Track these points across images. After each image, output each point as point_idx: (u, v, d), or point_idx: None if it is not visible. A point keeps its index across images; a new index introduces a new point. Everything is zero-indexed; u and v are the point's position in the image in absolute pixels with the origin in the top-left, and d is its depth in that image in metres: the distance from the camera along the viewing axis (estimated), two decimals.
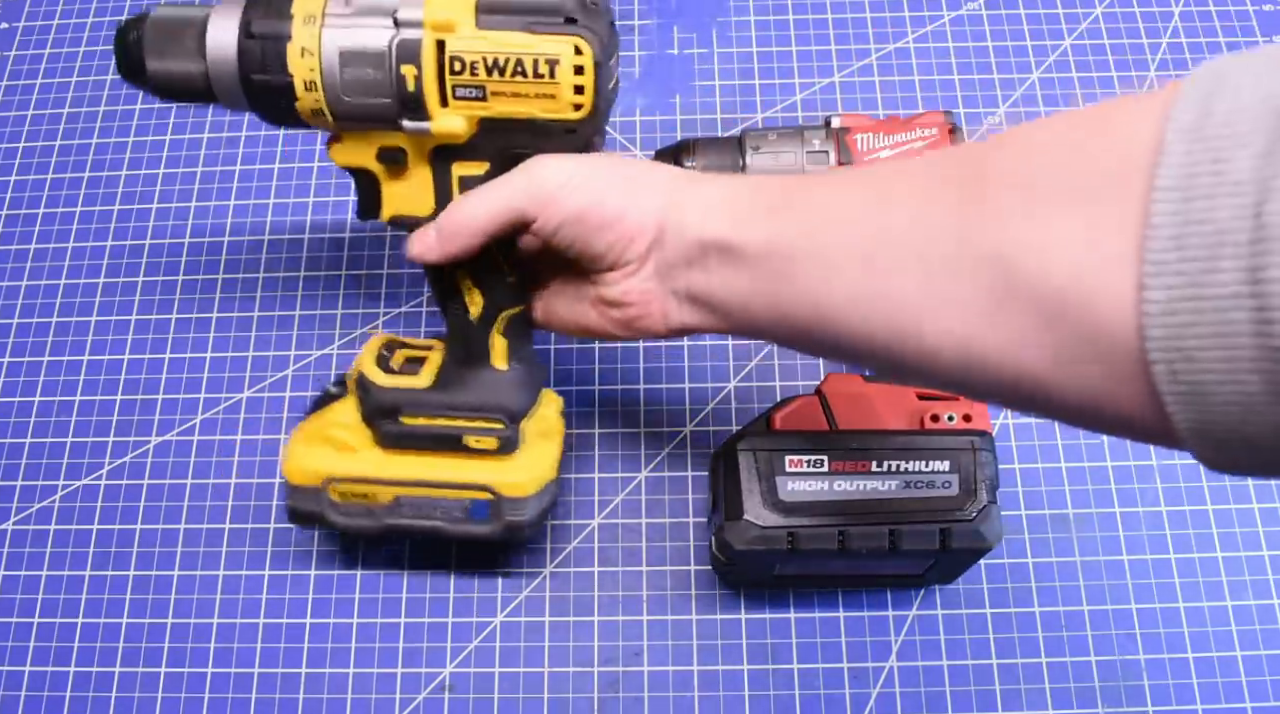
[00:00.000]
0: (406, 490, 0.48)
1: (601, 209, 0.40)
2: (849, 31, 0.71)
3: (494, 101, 0.41)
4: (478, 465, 0.48)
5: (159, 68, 0.42)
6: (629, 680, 0.54)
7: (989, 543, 0.46)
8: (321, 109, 0.41)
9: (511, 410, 0.48)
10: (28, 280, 0.66)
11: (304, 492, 0.49)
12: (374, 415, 0.48)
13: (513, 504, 0.48)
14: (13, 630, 0.57)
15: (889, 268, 0.32)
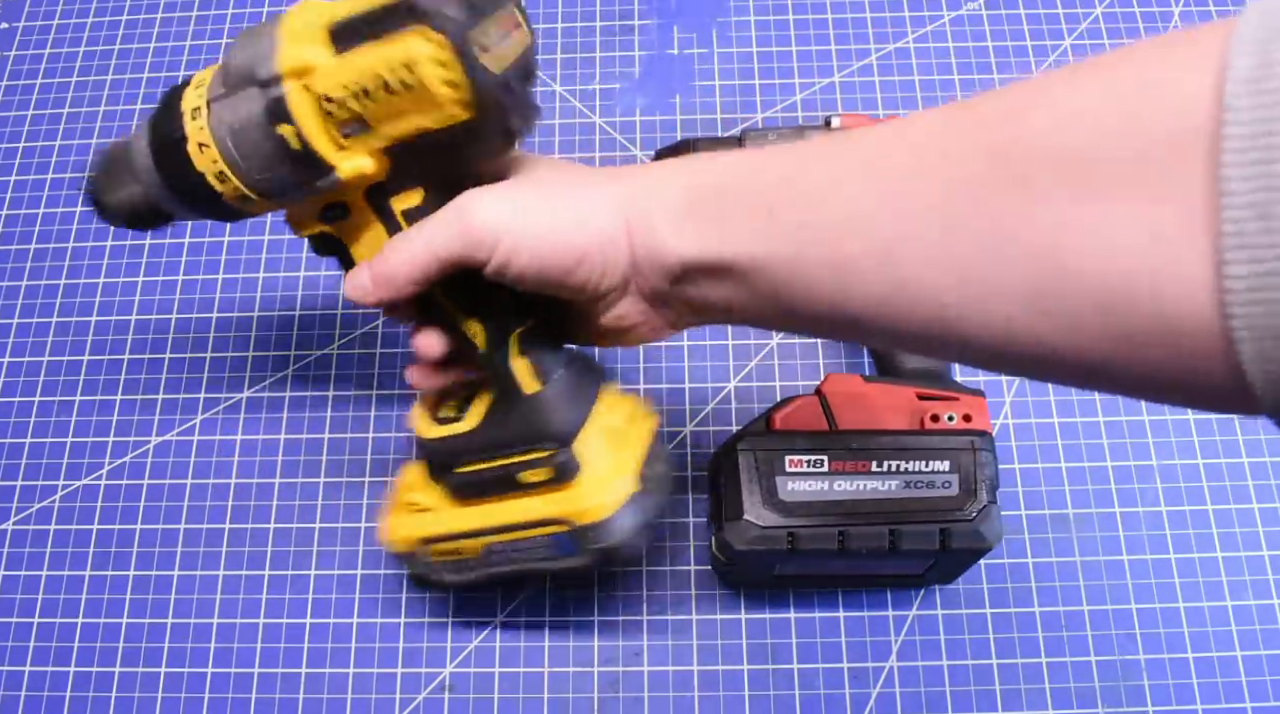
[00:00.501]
0: (491, 539, 0.45)
1: (560, 254, 0.37)
2: (849, 31, 0.71)
3: (380, 128, 0.37)
4: (544, 500, 0.44)
5: (112, 200, 0.43)
6: (629, 680, 0.54)
7: (989, 543, 0.46)
8: (245, 194, 0.40)
9: (555, 434, 0.42)
10: (28, 280, 0.66)
11: (408, 559, 0.48)
12: (434, 471, 0.47)
13: (593, 531, 0.43)
14: (13, 630, 0.57)
15: (913, 266, 0.30)
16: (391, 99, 0.35)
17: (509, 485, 0.44)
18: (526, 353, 0.42)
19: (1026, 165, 0.27)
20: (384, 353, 0.63)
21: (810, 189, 0.33)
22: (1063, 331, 0.27)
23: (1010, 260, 0.27)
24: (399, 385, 0.62)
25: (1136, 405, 0.59)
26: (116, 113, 0.71)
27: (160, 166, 0.40)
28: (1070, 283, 0.26)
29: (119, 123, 0.71)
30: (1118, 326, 0.25)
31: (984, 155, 0.28)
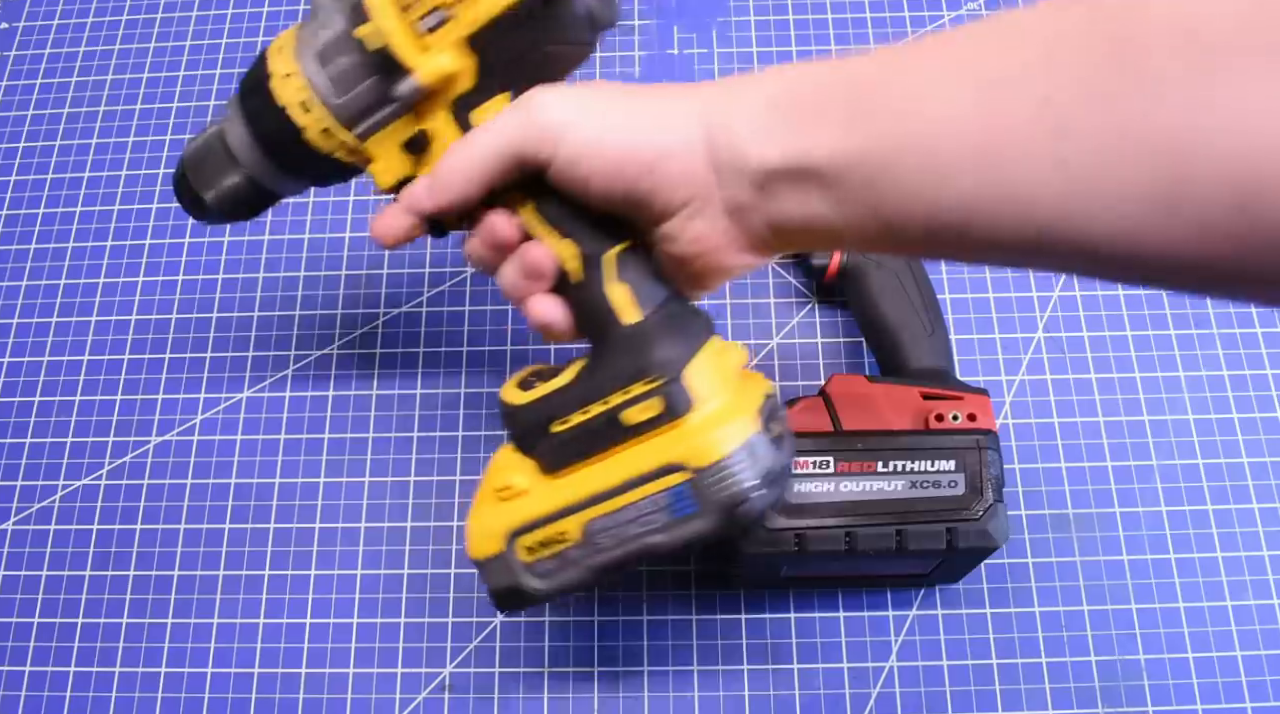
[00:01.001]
0: (593, 512, 0.38)
1: (636, 150, 0.34)
2: (849, 32, 0.71)
3: (460, 11, 0.36)
4: (653, 445, 0.37)
5: (212, 195, 0.43)
6: (629, 680, 0.54)
7: (995, 542, 0.46)
8: (328, 127, 0.39)
9: (661, 362, 0.37)
10: (28, 280, 0.66)
11: (494, 566, 0.40)
12: (525, 439, 0.41)
13: (713, 475, 0.36)
14: (13, 630, 0.57)
15: (1017, 167, 0.27)
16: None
17: (613, 432, 0.38)
18: (625, 278, 0.38)
19: (1151, 52, 0.24)
20: (384, 353, 0.62)
21: (903, 90, 0.30)
22: (1193, 233, 0.25)
23: (1133, 157, 0.25)
24: (399, 385, 0.62)
25: (1136, 405, 0.59)
26: (116, 113, 0.71)
27: (248, 117, 0.41)
28: (1202, 178, 0.24)
29: (119, 122, 0.70)
30: (1255, 223, 0.23)
31: (1101, 45, 0.26)
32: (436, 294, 0.64)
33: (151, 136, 0.70)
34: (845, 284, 0.58)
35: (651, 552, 0.37)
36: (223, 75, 0.72)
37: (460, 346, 0.62)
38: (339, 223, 0.66)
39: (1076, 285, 0.62)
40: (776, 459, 0.37)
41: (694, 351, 0.38)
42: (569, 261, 0.38)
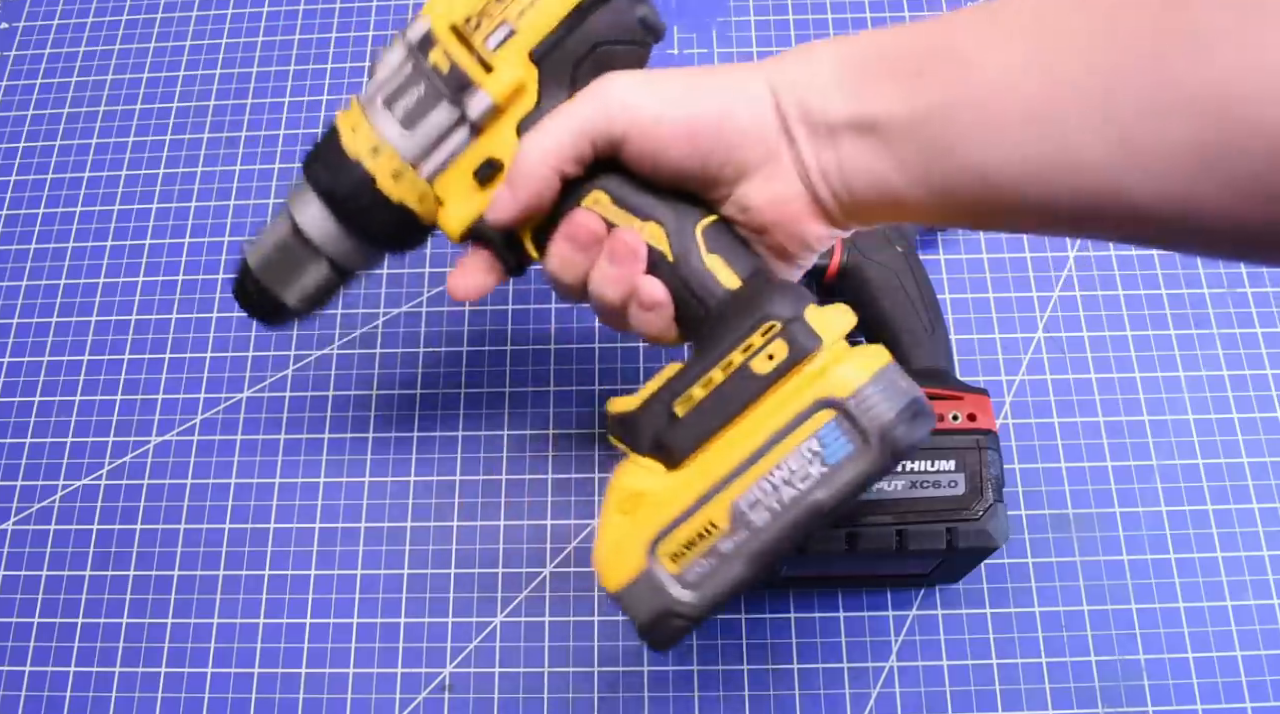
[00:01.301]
0: (738, 488, 0.34)
1: (705, 115, 0.34)
2: (849, 32, 0.71)
3: (523, 24, 0.37)
4: (788, 389, 0.34)
5: (296, 294, 0.43)
6: (629, 680, 0.54)
7: (995, 542, 0.46)
8: (398, 168, 0.39)
9: (778, 309, 0.35)
10: (28, 280, 0.66)
11: (637, 590, 0.36)
12: (646, 437, 0.37)
13: (864, 401, 0.33)
14: (13, 630, 0.57)
15: (1070, 126, 0.27)
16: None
17: (743, 390, 0.35)
18: (716, 249, 0.37)
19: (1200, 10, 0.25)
20: (384, 353, 0.62)
21: (961, 49, 0.31)
22: (1243, 190, 0.25)
23: (1180, 114, 0.25)
24: (399, 385, 0.62)
25: (1136, 405, 0.59)
26: (116, 113, 0.71)
27: (319, 184, 0.40)
28: (1247, 134, 0.24)
29: (119, 122, 0.70)
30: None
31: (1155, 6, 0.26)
32: (436, 294, 0.64)
33: (151, 136, 0.70)
34: (845, 284, 0.58)
35: (817, 511, 0.34)
36: (222, 75, 0.72)
37: (460, 347, 0.62)
38: None
39: (1077, 285, 0.62)
40: (913, 386, 0.35)
41: (803, 301, 0.36)
42: (659, 242, 0.37)
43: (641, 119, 0.35)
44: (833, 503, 0.34)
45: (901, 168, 0.32)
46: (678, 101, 0.35)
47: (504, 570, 0.57)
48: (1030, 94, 0.28)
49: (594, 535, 0.57)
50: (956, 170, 0.31)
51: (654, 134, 0.35)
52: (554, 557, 0.57)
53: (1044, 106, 0.28)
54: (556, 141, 0.36)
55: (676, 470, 0.36)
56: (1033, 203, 0.30)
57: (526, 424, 0.60)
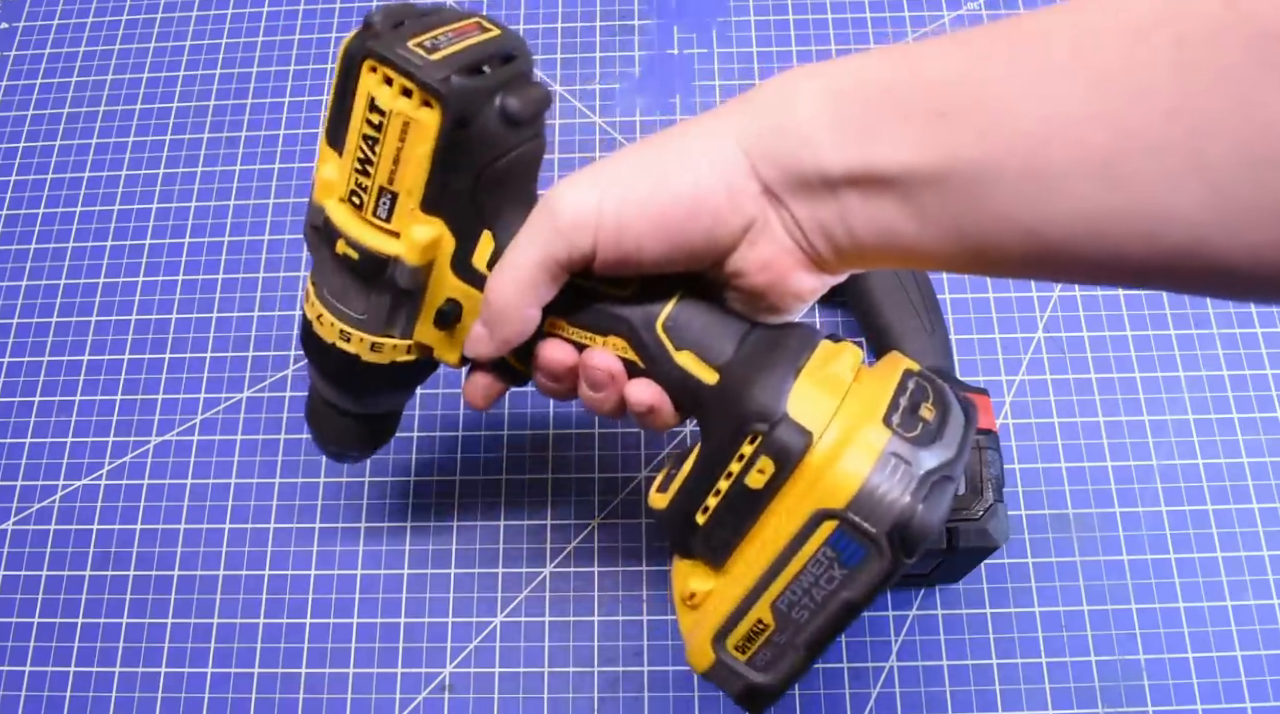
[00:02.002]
0: (775, 590, 0.35)
1: (673, 199, 0.31)
2: (849, 31, 0.71)
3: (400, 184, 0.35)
4: (789, 500, 0.34)
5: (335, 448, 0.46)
6: (629, 680, 0.54)
7: (995, 542, 0.46)
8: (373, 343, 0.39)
9: (754, 412, 0.34)
10: (28, 280, 0.66)
11: (720, 674, 0.37)
12: (682, 543, 0.38)
13: (860, 510, 0.32)
14: (13, 630, 0.57)
15: (1148, 180, 0.24)
16: (384, 148, 0.35)
17: (749, 503, 0.35)
18: (686, 345, 0.36)
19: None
20: None
21: (992, 91, 0.27)
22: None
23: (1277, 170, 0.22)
24: None
25: (1136, 405, 0.59)
26: (116, 113, 0.71)
27: (318, 369, 0.42)
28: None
29: (119, 122, 0.70)
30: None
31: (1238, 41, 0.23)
32: None
33: (151, 136, 0.70)
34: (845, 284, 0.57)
35: (850, 608, 0.34)
36: (222, 75, 0.72)
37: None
38: None
39: (1076, 285, 0.62)
40: (931, 455, 0.33)
41: (792, 379, 0.34)
42: (627, 353, 0.37)
43: (605, 228, 0.32)
44: (863, 600, 0.33)
45: (922, 222, 0.29)
46: (641, 198, 0.32)
47: (504, 570, 0.57)
48: (1096, 145, 0.25)
49: (592, 535, 0.57)
50: (995, 224, 0.27)
51: (622, 240, 0.32)
52: (554, 557, 0.57)
53: (1114, 158, 0.25)
54: (528, 277, 0.34)
55: (719, 573, 0.36)
56: (1092, 257, 0.27)
57: (527, 424, 0.60)
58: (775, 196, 0.31)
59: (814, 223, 0.31)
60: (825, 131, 0.29)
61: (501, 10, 0.73)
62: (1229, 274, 0.25)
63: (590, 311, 0.37)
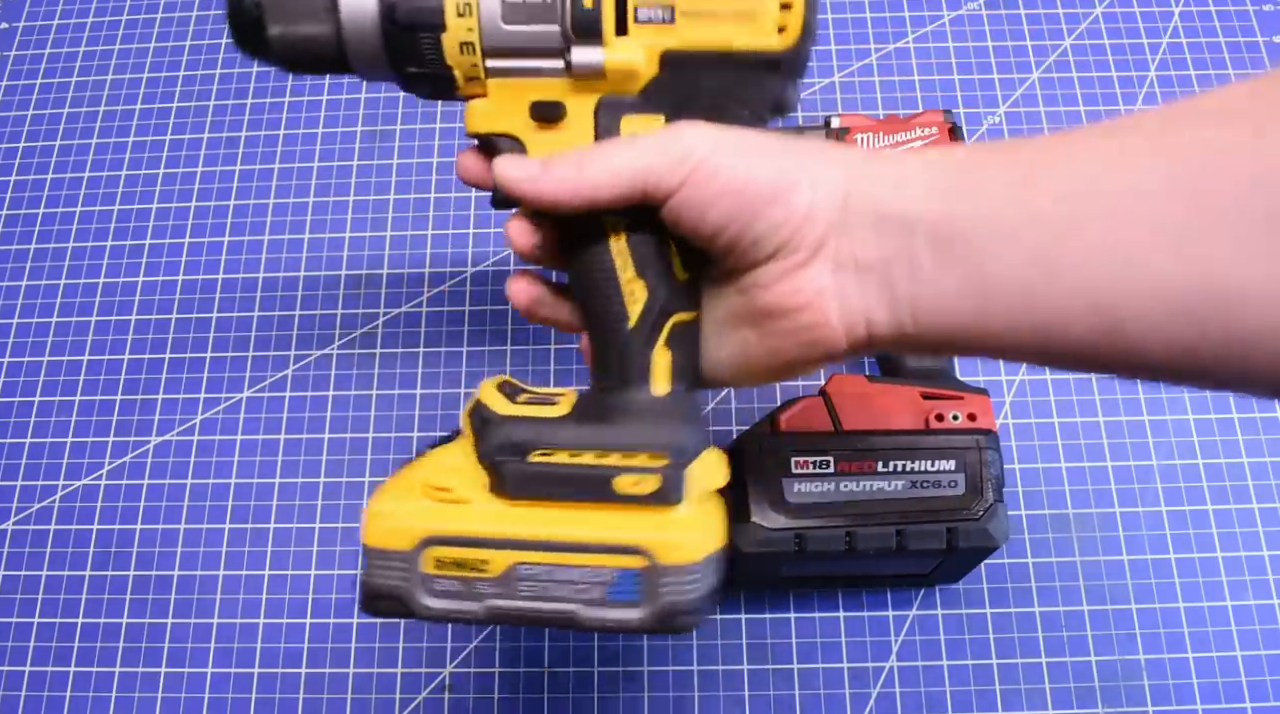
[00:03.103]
0: (530, 556, 0.35)
1: (768, 178, 0.31)
2: (849, 31, 0.71)
3: (682, 24, 0.33)
4: (627, 519, 0.35)
5: (281, 32, 0.36)
6: (629, 680, 0.54)
7: (996, 542, 0.46)
8: (473, 42, 0.34)
9: (676, 446, 0.35)
10: (28, 280, 0.66)
11: (389, 561, 0.35)
12: (495, 452, 0.36)
13: (671, 576, 0.34)
14: (13, 630, 0.57)
15: (1226, 256, 0.24)
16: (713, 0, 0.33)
17: (594, 489, 0.35)
18: (674, 347, 0.36)
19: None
20: (384, 353, 0.62)
21: (1079, 162, 0.26)
22: None
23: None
24: (399, 385, 0.62)
25: (1136, 405, 0.59)
26: (116, 113, 0.71)
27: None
28: None
29: (119, 122, 0.70)
30: None
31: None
32: (436, 294, 0.64)
33: (151, 136, 0.70)
34: None
35: (567, 621, 0.35)
36: (222, 75, 0.72)
37: (460, 347, 0.62)
38: (339, 223, 0.66)
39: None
40: (720, 580, 0.37)
41: (702, 445, 0.36)
42: (634, 307, 0.35)
43: (701, 171, 0.31)
44: (586, 626, 0.35)
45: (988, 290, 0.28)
46: (744, 158, 0.32)
47: None
48: (1169, 214, 0.24)
49: None
50: (1060, 296, 0.26)
51: (710, 185, 0.31)
52: None
53: (1190, 229, 0.24)
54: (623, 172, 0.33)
55: (495, 497, 0.36)
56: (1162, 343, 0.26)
57: None
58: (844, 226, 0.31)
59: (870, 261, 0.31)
60: (918, 181, 0.30)
61: None
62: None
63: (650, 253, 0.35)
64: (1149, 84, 0.68)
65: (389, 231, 0.66)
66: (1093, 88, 0.68)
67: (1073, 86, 0.68)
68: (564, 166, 0.33)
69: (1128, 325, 0.26)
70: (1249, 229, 0.23)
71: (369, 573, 0.36)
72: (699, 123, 0.33)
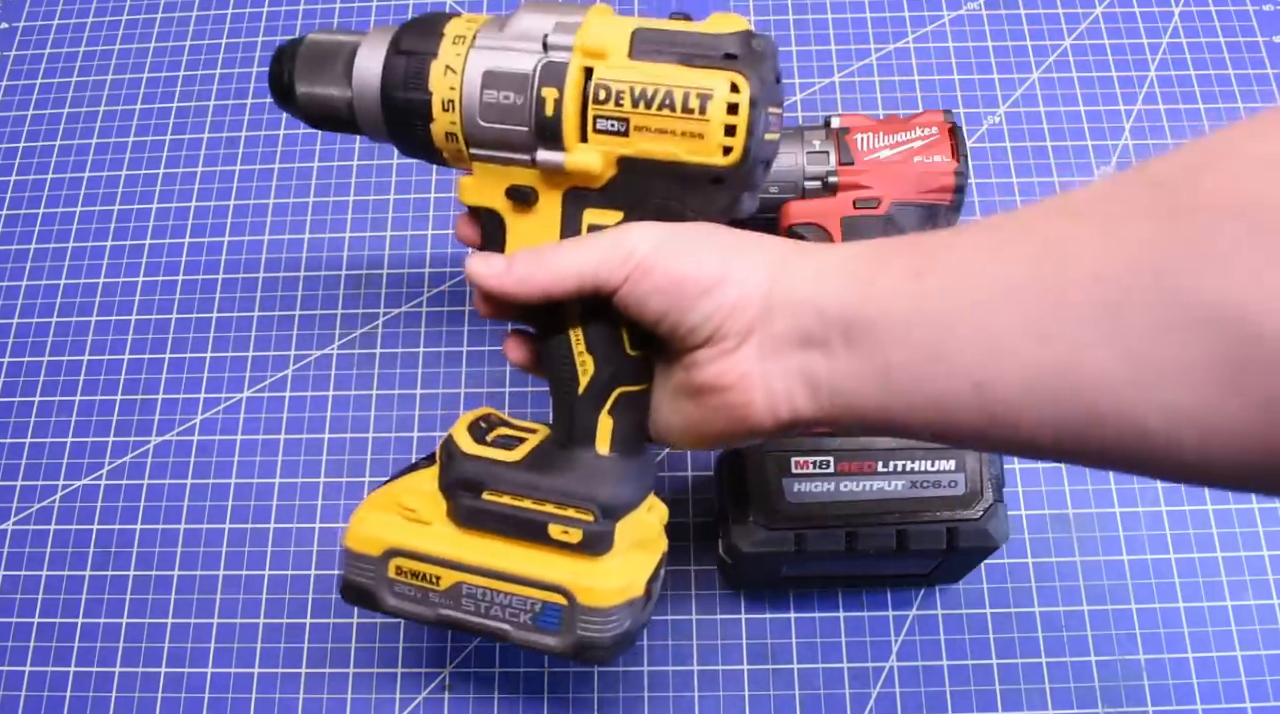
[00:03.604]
0: (471, 579, 0.41)
1: (699, 274, 0.35)
2: (849, 31, 0.71)
3: (636, 137, 0.37)
4: (557, 562, 0.40)
5: (306, 92, 0.42)
6: (629, 680, 0.54)
7: (995, 542, 0.46)
8: (456, 133, 0.39)
9: (605, 503, 0.40)
10: (28, 280, 0.66)
11: (362, 563, 0.42)
12: (453, 486, 0.42)
13: (587, 615, 0.40)
14: (13, 630, 0.57)
15: (1075, 341, 0.26)
16: (663, 116, 0.36)
17: (531, 532, 0.41)
18: (615, 414, 0.40)
19: (1207, 222, 0.24)
20: (384, 353, 0.62)
21: (961, 256, 0.30)
22: (1261, 411, 0.24)
23: (1186, 333, 0.24)
24: (399, 385, 0.62)
25: None
26: (116, 113, 0.71)
27: (388, 70, 0.40)
28: (1267, 351, 0.23)
29: (119, 122, 0.70)
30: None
31: (1147, 212, 0.25)
32: (436, 294, 0.64)
33: (151, 136, 0.70)
34: None
35: (501, 637, 0.41)
36: (222, 75, 0.72)
37: (460, 347, 0.62)
38: (339, 223, 0.66)
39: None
40: (637, 622, 0.41)
41: (634, 503, 0.41)
42: (583, 376, 0.40)
43: (640, 268, 0.35)
44: (514, 642, 0.41)
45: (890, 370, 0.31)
46: (683, 255, 0.35)
47: None
48: (1031, 304, 0.27)
49: None
50: (946, 382, 0.30)
51: (646, 282, 0.35)
52: None
53: (1046, 318, 0.27)
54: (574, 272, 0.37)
55: (451, 523, 0.42)
56: (1033, 421, 0.28)
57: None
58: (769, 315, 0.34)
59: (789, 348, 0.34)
60: (829, 276, 0.33)
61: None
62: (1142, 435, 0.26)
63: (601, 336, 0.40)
64: (1149, 84, 0.68)
65: (389, 231, 0.66)
66: (1093, 88, 0.68)
67: (1073, 86, 0.68)
68: (524, 265, 0.38)
69: (1004, 407, 0.29)
70: (1094, 319, 0.26)
71: (347, 569, 0.43)
72: (646, 223, 0.37)
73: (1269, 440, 0.24)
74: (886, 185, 0.53)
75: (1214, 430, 0.25)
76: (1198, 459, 0.26)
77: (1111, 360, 0.26)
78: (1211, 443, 0.25)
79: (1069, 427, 0.28)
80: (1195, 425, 0.25)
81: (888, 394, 0.32)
